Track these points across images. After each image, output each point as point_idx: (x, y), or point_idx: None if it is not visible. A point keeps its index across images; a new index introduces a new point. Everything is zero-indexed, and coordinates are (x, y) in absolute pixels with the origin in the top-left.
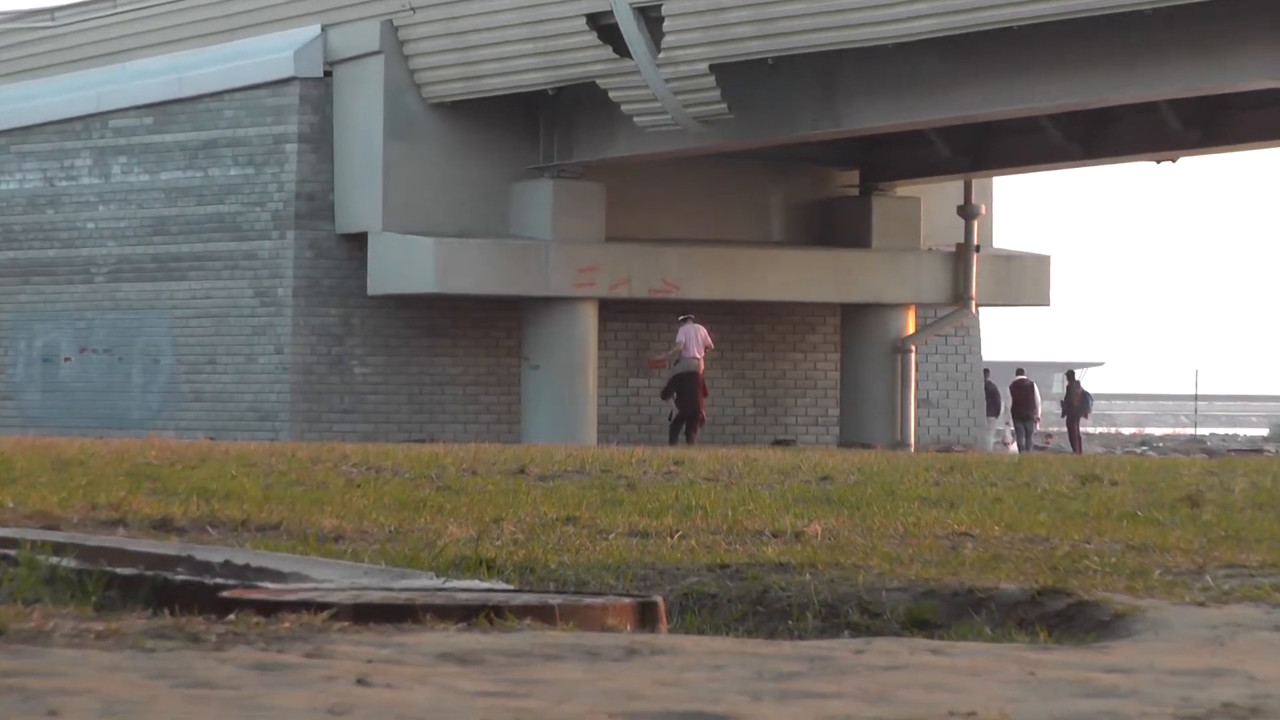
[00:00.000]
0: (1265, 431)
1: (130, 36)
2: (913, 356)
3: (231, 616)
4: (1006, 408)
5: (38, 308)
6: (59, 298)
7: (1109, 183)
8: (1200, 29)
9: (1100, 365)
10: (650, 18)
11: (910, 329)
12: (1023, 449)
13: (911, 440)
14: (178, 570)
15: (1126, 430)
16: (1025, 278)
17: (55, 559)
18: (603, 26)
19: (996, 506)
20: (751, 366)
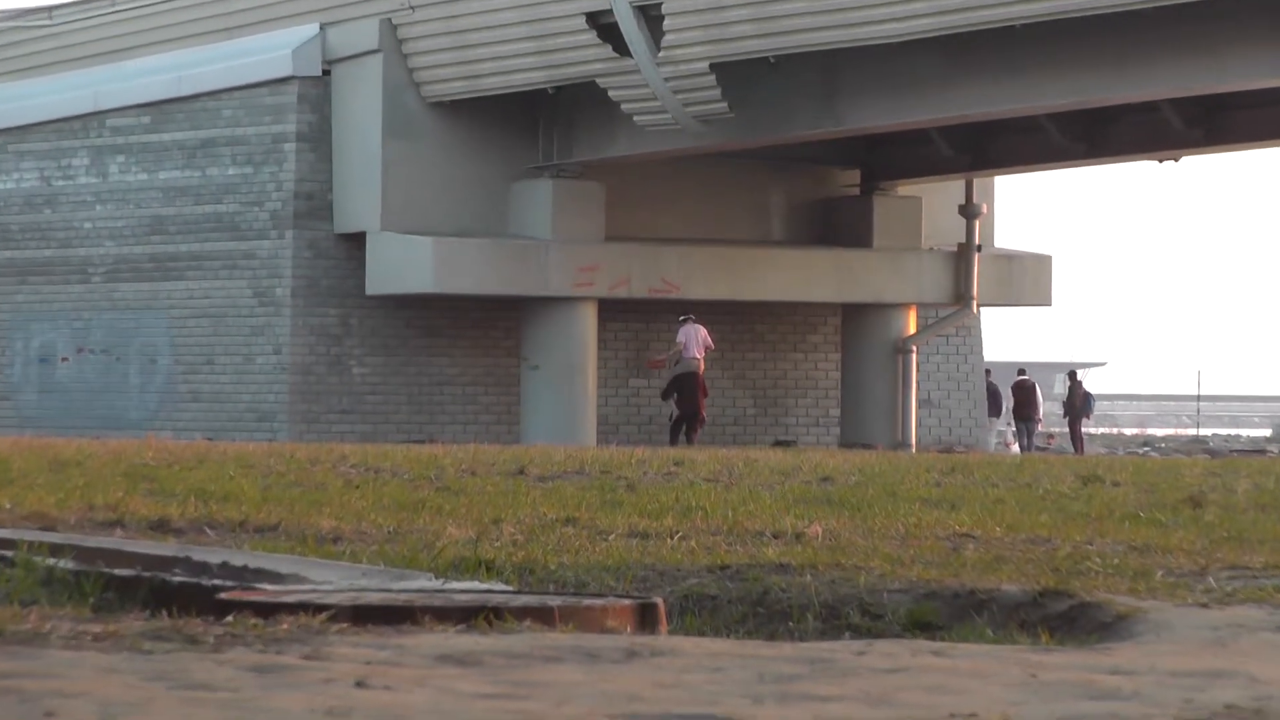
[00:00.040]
0: (1268, 432)
1: (128, 35)
2: (914, 357)
3: (229, 618)
4: (1008, 408)
5: (35, 308)
6: (56, 298)
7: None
8: (1202, 28)
9: (1102, 365)
10: (650, 16)
11: (911, 329)
12: (1024, 449)
13: (913, 441)
14: (175, 571)
15: (1128, 431)
16: (1027, 277)
17: (52, 560)
18: (602, 25)
19: (998, 507)
20: (752, 367)
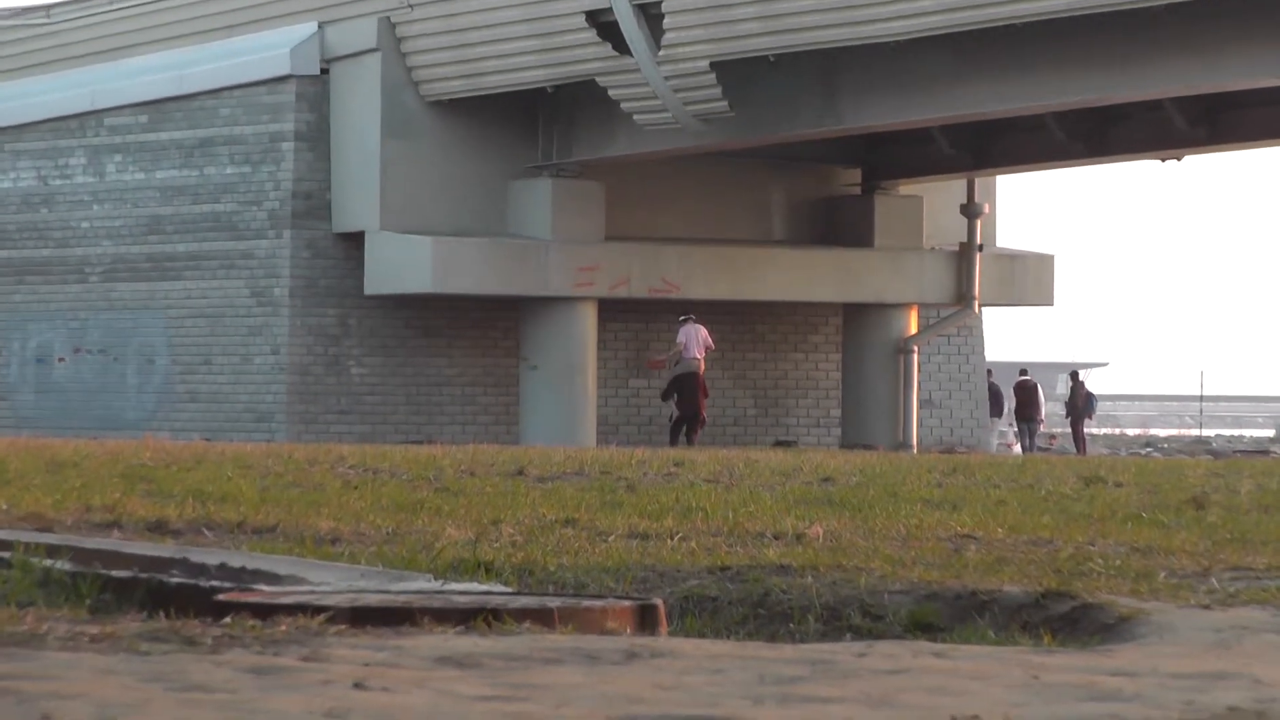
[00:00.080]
0: (1271, 433)
1: (126, 34)
2: (915, 357)
3: (227, 619)
4: (1010, 409)
5: (32, 308)
6: (53, 298)
7: (1114, 181)
8: (1205, 27)
9: (1104, 366)
10: (650, 15)
11: (913, 329)
12: (1026, 450)
13: (914, 441)
14: (173, 573)
15: (1131, 431)
16: (1029, 277)
17: (49, 561)
18: (602, 24)
19: (1000, 508)
20: (752, 367)
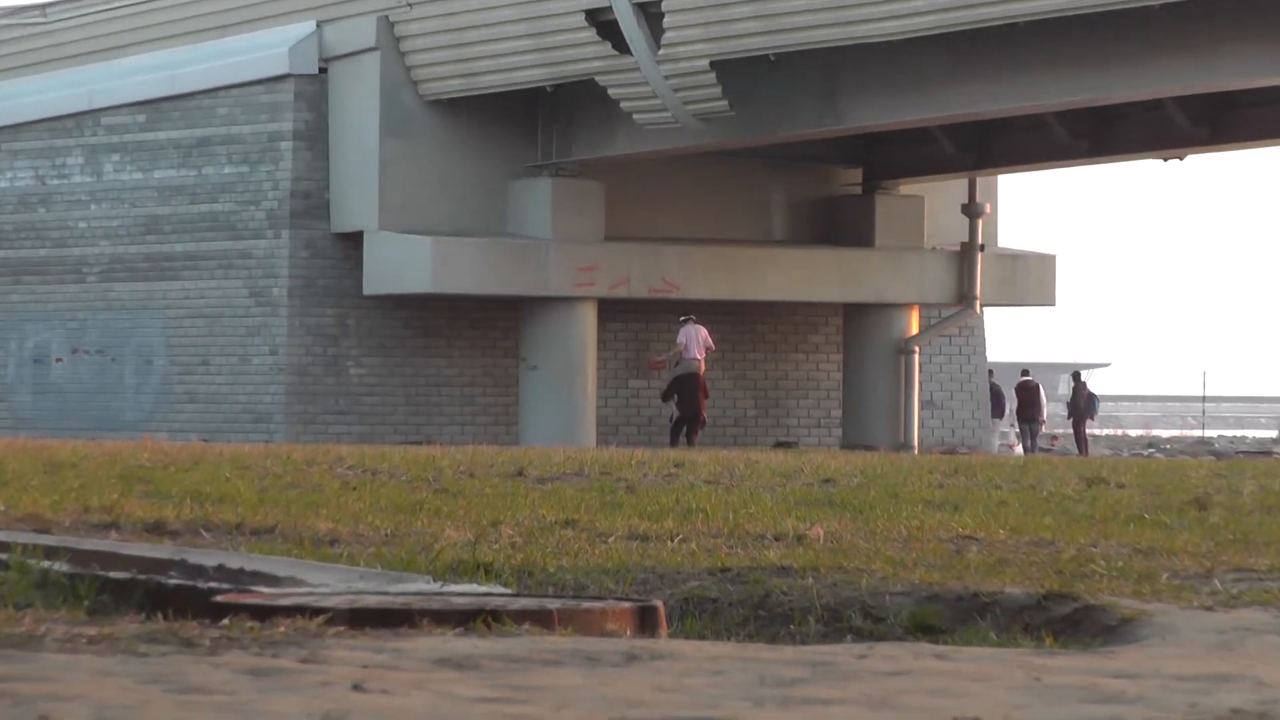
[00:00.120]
0: (1274, 433)
1: (123, 33)
2: (916, 357)
3: (225, 621)
4: (1011, 409)
5: (29, 308)
6: (50, 298)
7: (1115, 181)
8: (1207, 25)
9: (1106, 366)
10: (650, 14)
11: (914, 329)
12: (1028, 451)
13: (915, 442)
14: (171, 574)
15: (1133, 432)
16: (1030, 277)
17: (47, 563)
18: (602, 23)
19: (1001, 509)
20: (753, 367)
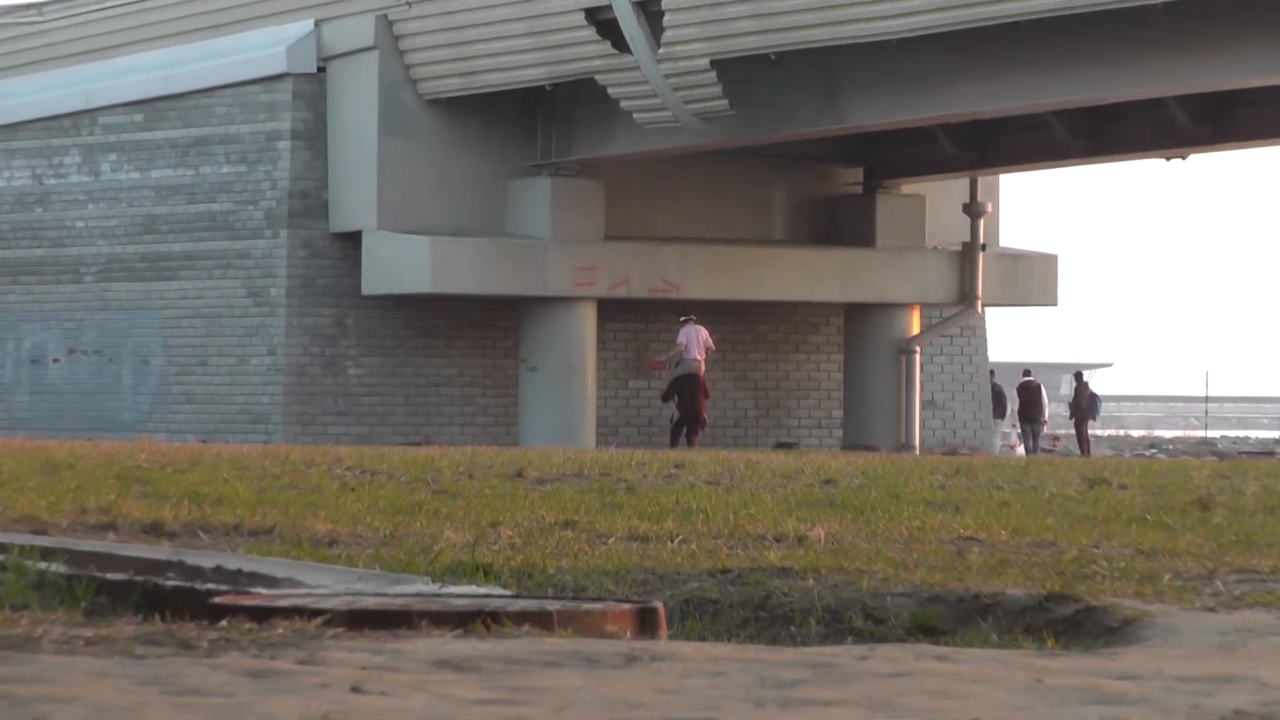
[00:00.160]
0: (1277, 434)
1: (120, 32)
2: (917, 357)
3: (223, 623)
4: (1013, 410)
5: (26, 308)
6: (47, 298)
7: (1117, 180)
8: (1209, 24)
9: (1109, 366)
10: (650, 12)
11: (915, 329)
12: (1030, 451)
13: (916, 443)
14: (168, 576)
15: (1135, 432)
16: (1032, 277)
17: (44, 564)
18: (601, 21)
19: (1003, 510)
20: (753, 368)
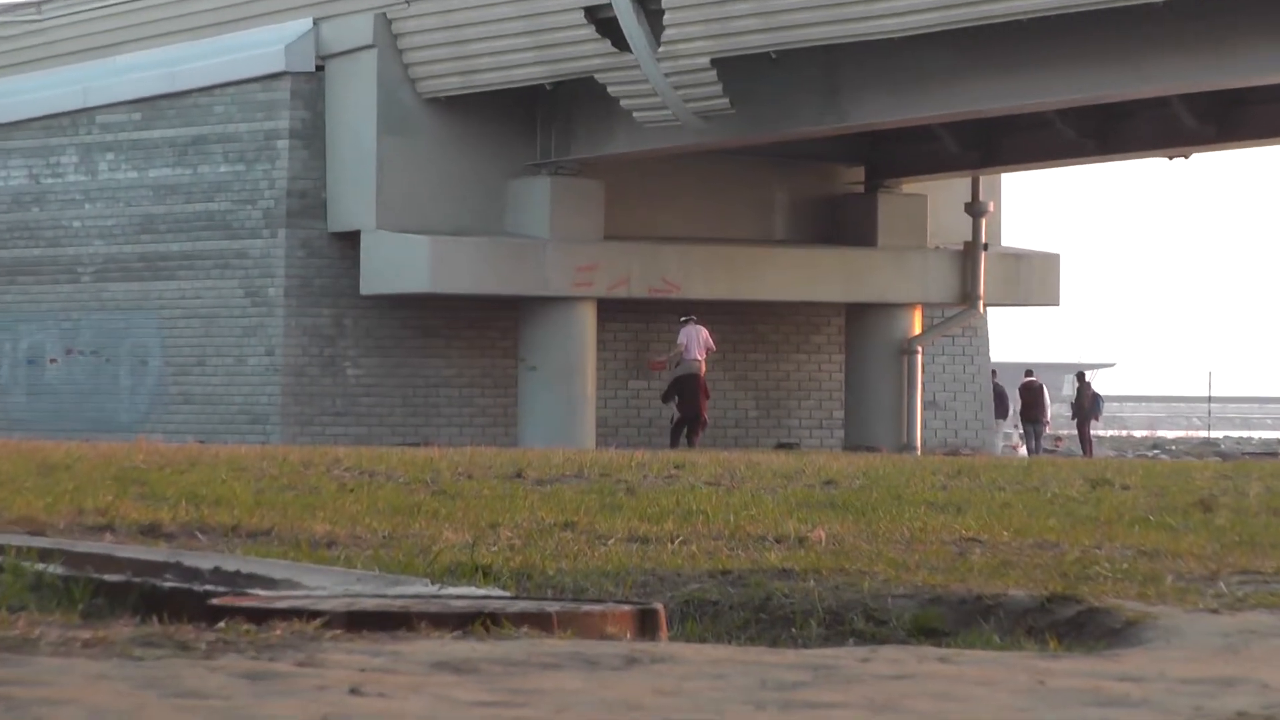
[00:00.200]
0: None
1: (118, 30)
2: (919, 357)
3: (221, 624)
4: (1015, 410)
5: (23, 308)
6: (44, 298)
7: (1120, 179)
8: (1214, 22)
9: (1111, 366)
10: (650, 10)
11: (916, 329)
12: (1032, 452)
13: (918, 443)
14: (166, 577)
15: (1138, 433)
16: (1034, 277)
17: (41, 565)
18: (601, 20)
19: (1005, 511)
20: (754, 368)
